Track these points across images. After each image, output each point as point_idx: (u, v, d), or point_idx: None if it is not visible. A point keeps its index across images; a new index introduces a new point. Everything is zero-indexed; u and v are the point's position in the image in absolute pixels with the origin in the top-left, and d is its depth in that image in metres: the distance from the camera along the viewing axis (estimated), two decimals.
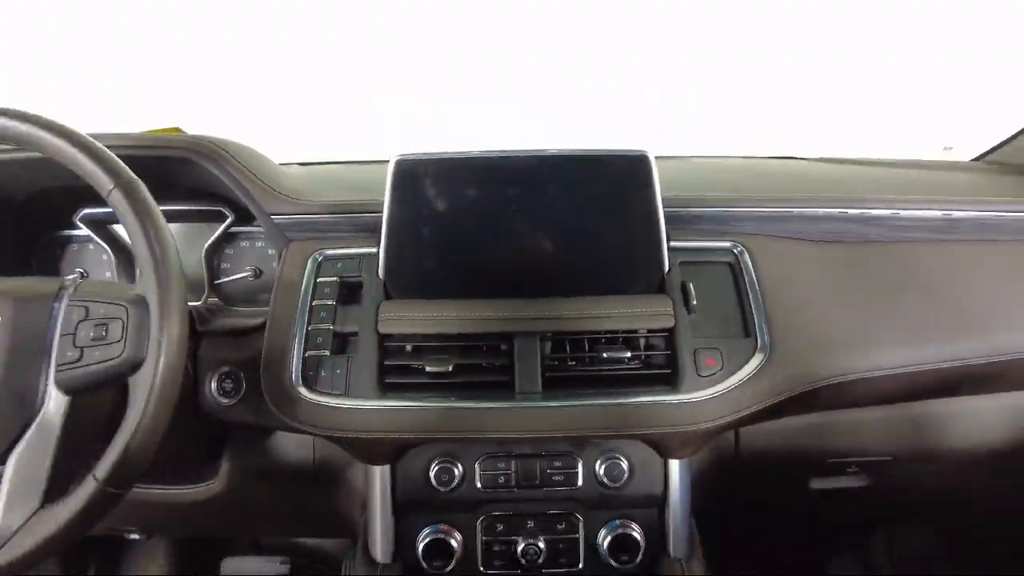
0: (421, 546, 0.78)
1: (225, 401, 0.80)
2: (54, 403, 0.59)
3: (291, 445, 0.89)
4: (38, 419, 0.59)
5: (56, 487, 0.59)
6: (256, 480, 0.91)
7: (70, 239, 0.99)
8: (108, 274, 0.98)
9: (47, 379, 0.59)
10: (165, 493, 0.92)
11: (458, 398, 0.74)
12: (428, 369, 0.74)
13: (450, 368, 0.74)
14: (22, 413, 0.59)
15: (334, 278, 0.80)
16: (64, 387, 0.59)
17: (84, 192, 0.70)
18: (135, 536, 1.24)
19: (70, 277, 0.65)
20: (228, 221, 0.93)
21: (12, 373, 0.59)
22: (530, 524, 0.79)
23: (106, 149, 0.64)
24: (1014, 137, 1.22)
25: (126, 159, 0.65)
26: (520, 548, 0.78)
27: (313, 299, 0.79)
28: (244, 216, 0.92)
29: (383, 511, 0.79)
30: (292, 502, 0.98)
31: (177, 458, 0.88)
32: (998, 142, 1.26)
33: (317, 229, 0.83)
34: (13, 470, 0.58)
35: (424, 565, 0.78)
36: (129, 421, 0.58)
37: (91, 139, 0.64)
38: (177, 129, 0.93)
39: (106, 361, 0.59)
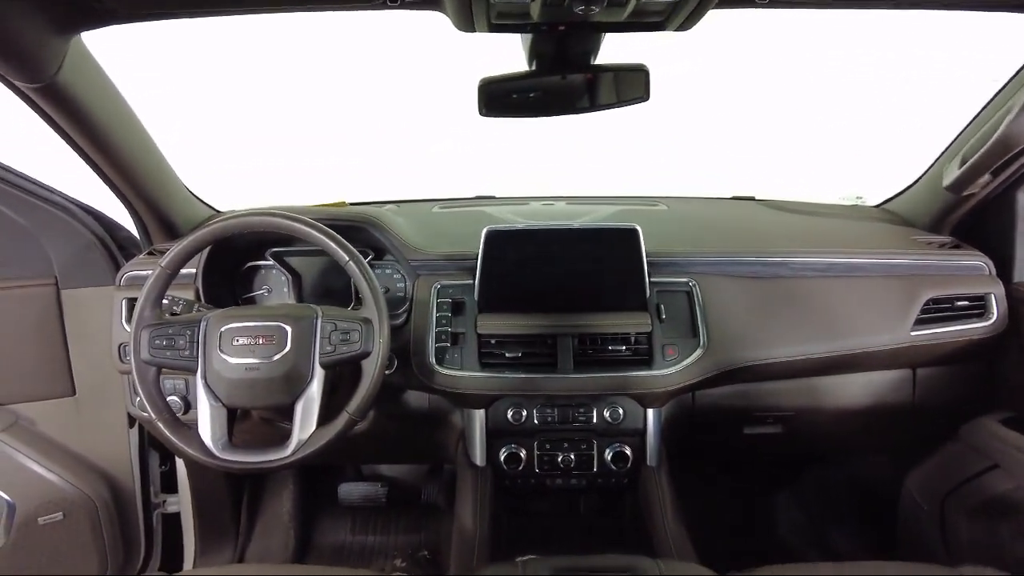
0: (502, 457, 1.30)
1: (386, 372, 1.28)
2: (317, 374, 1.07)
3: (413, 398, 1.39)
4: (310, 382, 1.06)
5: (323, 418, 1.07)
6: (388, 420, 1.41)
7: (260, 267, 1.47)
8: (285, 290, 1.46)
9: (314, 361, 1.07)
10: None
11: (524, 371, 1.26)
12: (507, 355, 1.26)
13: (520, 354, 1.26)
14: (303, 378, 1.06)
15: (448, 299, 1.30)
16: (323, 365, 1.07)
17: (272, 240, 1.20)
18: None
19: (315, 306, 1.12)
20: (370, 257, 1.43)
21: (297, 357, 1.06)
22: (565, 445, 1.30)
23: (336, 234, 1.11)
24: (900, 193, 1.72)
25: (331, 227, 1.13)
26: (560, 459, 1.30)
27: (437, 312, 1.30)
28: (379, 254, 1.43)
29: (480, 436, 1.31)
30: (407, 436, 1.49)
31: None
32: (891, 195, 1.76)
33: (435, 269, 1.35)
34: (301, 409, 1.06)
35: (505, 468, 1.31)
36: (364, 381, 1.07)
37: (328, 229, 1.11)
38: (343, 203, 1.43)
39: (349, 352, 1.07)
